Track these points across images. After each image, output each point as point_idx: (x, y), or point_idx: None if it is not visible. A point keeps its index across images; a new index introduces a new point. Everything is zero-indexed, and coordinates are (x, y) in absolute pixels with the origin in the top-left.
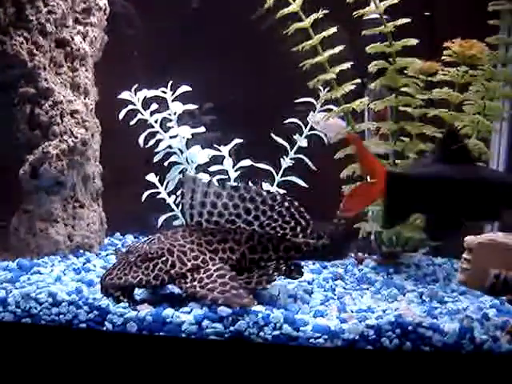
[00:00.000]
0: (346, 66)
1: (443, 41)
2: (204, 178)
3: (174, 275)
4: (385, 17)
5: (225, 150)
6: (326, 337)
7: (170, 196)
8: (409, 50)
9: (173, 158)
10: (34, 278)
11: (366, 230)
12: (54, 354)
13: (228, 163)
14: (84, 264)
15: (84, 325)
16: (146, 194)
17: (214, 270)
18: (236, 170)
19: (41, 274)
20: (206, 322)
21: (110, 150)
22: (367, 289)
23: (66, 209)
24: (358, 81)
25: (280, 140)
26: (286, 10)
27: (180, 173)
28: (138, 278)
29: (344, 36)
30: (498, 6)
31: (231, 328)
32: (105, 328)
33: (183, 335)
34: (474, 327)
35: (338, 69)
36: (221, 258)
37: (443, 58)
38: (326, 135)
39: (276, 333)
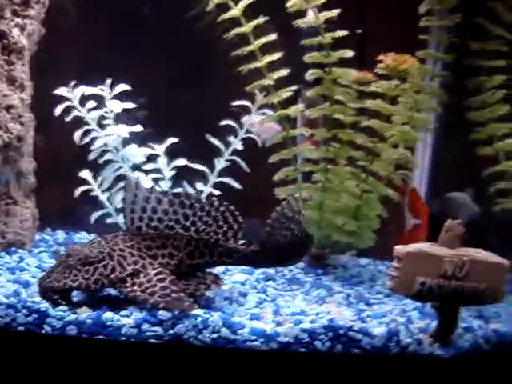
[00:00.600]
0: (284, 73)
1: (375, 54)
2: (146, 182)
3: (114, 280)
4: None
5: (160, 149)
6: (262, 340)
7: (103, 193)
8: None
9: (108, 156)
10: None
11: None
12: None
13: (163, 162)
14: (18, 263)
15: (22, 328)
16: (79, 190)
17: (154, 275)
18: (171, 169)
19: None
20: (145, 326)
21: (42, 145)
22: (297, 290)
23: None
24: (294, 87)
25: (214, 141)
26: (227, 15)
27: (116, 171)
28: (77, 282)
29: (281, 42)
30: (428, 22)
31: (171, 331)
32: (44, 331)
33: (123, 338)
34: (400, 330)
35: (275, 75)
36: (160, 264)
37: (376, 70)
38: (259, 136)
39: (214, 336)
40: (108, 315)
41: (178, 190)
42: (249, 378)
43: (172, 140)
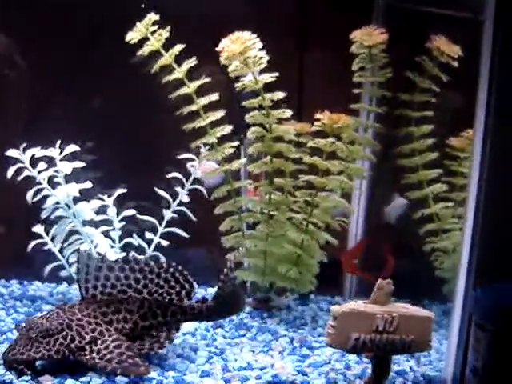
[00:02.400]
0: (227, 130)
1: (312, 106)
2: (98, 236)
3: (73, 349)
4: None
5: (109, 201)
6: None
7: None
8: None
9: (60, 213)
10: None
11: (242, 279)
12: None
13: (112, 213)
14: None
15: None
16: (32, 244)
17: (111, 341)
18: (120, 221)
19: None
20: None
21: None
22: (244, 335)
23: None
24: (236, 143)
25: (163, 193)
26: (160, 62)
27: (67, 226)
28: (40, 353)
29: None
30: (361, 78)
31: None
32: None
33: None
34: (337, 380)
35: (218, 133)
36: (116, 329)
37: (313, 128)
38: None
39: None
40: (70, 382)
41: (128, 254)
42: None
43: (121, 191)
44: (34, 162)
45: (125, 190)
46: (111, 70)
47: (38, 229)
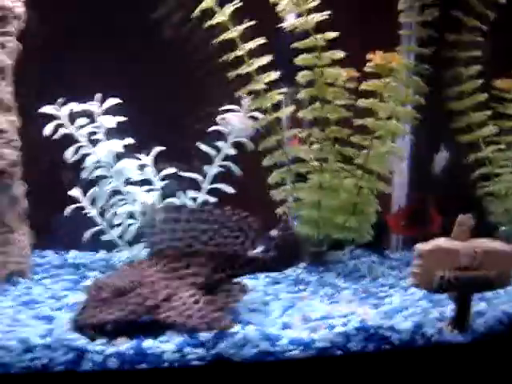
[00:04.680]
0: (275, 75)
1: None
2: (142, 195)
3: (148, 307)
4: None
5: (148, 160)
6: (300, 348)
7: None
8: None
9: (100, 172)
10: None
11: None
12: None
13: (151, 173)
14: (28, 295)
15: (62, 367)
16: (69, 208)
17: (188, 297)
18: (161, 180)
19: None
20: (187, 349)
21: None
22: (305, 290)
23: None
24: (285, 90)
25: (206, 148)
26: (214, 21)
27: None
28: (113, 315)
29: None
30: (408, 17)
31: (212, 351)
32: (84, 368)
33: (165, 364)
34: (423, 323)
35: (267, 79)
36: (189, 284)
37: (365, 68)
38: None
39: (254, 350)
40: (148, 343)
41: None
42: None
43: (158, 149)
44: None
45: (163, 148)
46: (147, 23)
47: (75, 192)
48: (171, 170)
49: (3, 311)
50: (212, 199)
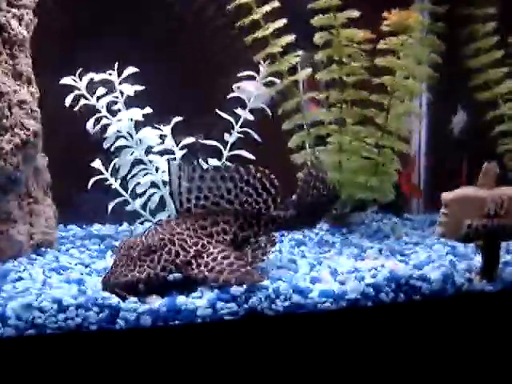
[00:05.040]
0: (291, 38)
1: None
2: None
3: (179, 264)
4: None
5: (167, 130)
6: (331, 300)
7: (116, 181)
8: None
9: (120, 142)
10: (20, 286)
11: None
12: (67, 362)
13: (171, 142)
14: (57, 262)
15: (95, 326)
16: (92, 180)
17: (218, 253)
18: (181, 149)
19: (23, 279)
20: (219, 304)
21: None
22: (329, 251)
23: (22, 206)
24: (301, 53)
25: (225, 115)
26: None
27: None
28: (145, 273)
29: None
30: None
31: (245, 306)
32: (118, 326)
33: (199, 320)
34: (453, 273)
35: (283, 41)
36: (217, 241)
37: (382, 27)
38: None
39: (286, 303)
40: (181, 299)
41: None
42: (322, 338)
43: (177, 119)
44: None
45: (180, 118)
46: None
47: (97, 164)
48: (190, 140)
49: (33, 277)
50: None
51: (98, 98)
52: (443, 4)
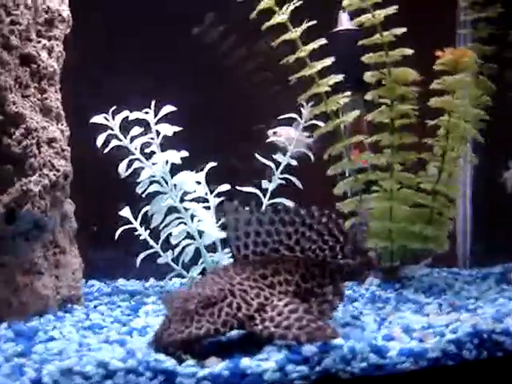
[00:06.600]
0: (339, 77)
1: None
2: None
3: (242, 318)
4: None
5: (201, 176)
6: (411, 359)
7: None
8: None
9: (154, 188)
10: (52, 347)
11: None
12: None
13: (204, 189)
14: (89, 321)
15: None
16: (119, 230)
17: (283, 306)
18: (216, 196)
19: (55, 339)
20: (289, 367)
21: None
22: (384, 307)
23: (47, 256)
24: (349, 93)
25: (265, 161)
26: (272, 22)
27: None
28: (204, 329)
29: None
30: (470, 15)
31: (317, 368)
32: None
33: None
34: None
35: (331, 81)
36: (279, 292)
37: (435, 66)
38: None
39: (363, 364)
40: (245, 362)
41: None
42: None
43: (211, 164)
44: None
45: (215, 164)
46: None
47: (126, 212)
48: (226, 187)
49: (67, 336)
50: None
51: (132, 139)
52: (488, 44)
